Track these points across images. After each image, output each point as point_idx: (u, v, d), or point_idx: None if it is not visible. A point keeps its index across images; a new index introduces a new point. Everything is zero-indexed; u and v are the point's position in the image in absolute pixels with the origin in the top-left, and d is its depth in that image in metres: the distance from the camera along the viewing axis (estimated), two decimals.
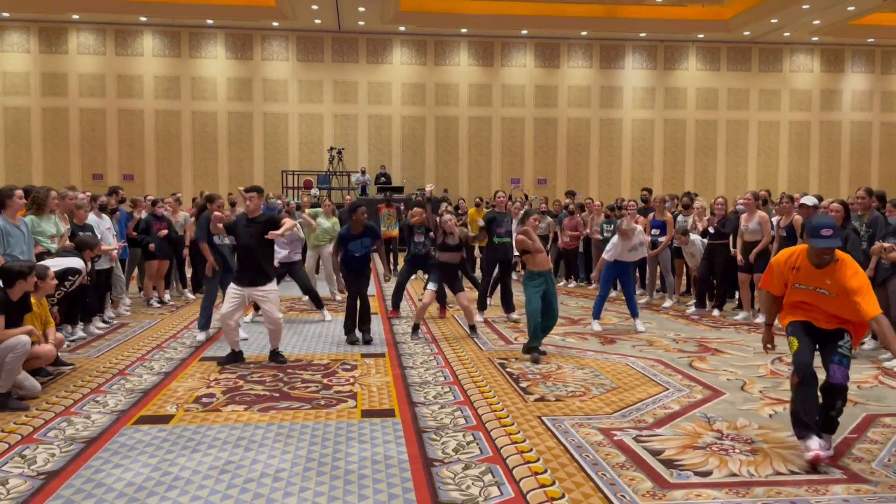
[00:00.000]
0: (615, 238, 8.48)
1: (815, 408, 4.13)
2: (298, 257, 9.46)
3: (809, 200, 8.17)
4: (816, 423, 4.11)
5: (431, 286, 7.92)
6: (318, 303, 9.20)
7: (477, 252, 11.70)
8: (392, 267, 13.62)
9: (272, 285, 6.60)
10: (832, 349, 4.23)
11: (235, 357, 6.60)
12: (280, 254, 9.00)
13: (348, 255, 7.57)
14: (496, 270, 9.68)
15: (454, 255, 8.03)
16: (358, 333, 7.67)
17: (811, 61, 25.68)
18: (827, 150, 25.96)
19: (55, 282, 5.78)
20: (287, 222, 6.52)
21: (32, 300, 5.60)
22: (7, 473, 3.89)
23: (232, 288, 6.54)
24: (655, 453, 4.23)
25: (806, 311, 4.35)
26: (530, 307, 6.85)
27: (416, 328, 7.87)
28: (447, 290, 8.93)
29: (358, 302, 7.69)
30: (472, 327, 8.06)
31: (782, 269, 4.35)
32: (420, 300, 8.42)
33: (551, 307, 6.99)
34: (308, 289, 9.27)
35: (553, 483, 3.78)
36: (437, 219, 8.18)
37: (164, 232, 9.96)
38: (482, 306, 9.15)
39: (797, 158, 25.91)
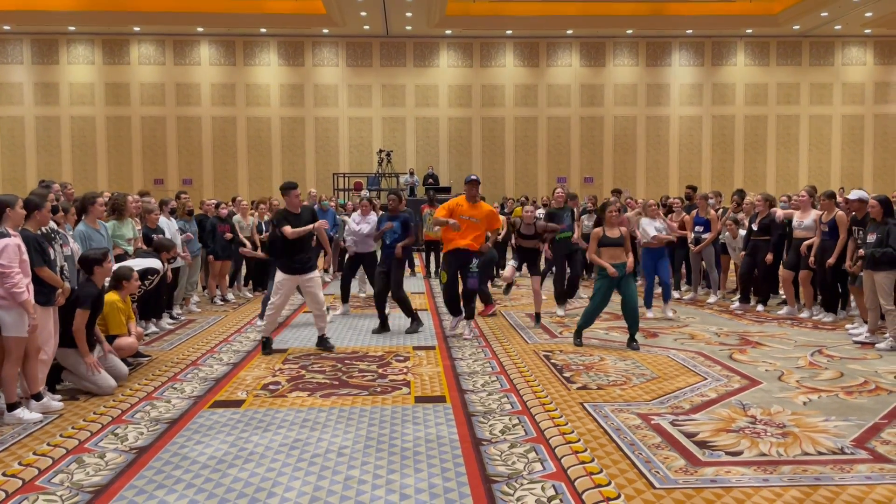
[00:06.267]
0: (644, 220, 9.45)
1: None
2: (373, 248, 9.75)
3: (856, 194, 8.20)
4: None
5: (512, 262, 8.85)
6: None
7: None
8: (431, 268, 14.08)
9: (317, 272, 7.22)
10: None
11: (267, 344, 7.16)
12: (357, 244, 9.66)
13: (384, 244, 8.33)
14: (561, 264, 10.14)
15: (533, 241, 8.79)
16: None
17: (864, 54, 25.23)
18: (882, 144, 25.48)
19: (138, 282, 6.33)
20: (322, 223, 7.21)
21: (117, 297, 6.15)
22: (103, 448, 4.40)
23: (281, 276, 7.07)
24: (690, 435, 4.52)
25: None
26: (592, 303, 7.47)
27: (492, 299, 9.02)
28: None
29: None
30: (538, 315, 8.75)
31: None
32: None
33: (628, 300, 7.22)
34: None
35: (592, 460, 4.11)
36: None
37: (229, 235, 10.53)
38: (560, 300, 9.61)
39: (850, 153, 25.49)
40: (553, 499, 3.58)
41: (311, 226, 7.03)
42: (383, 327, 8.27)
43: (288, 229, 6.92)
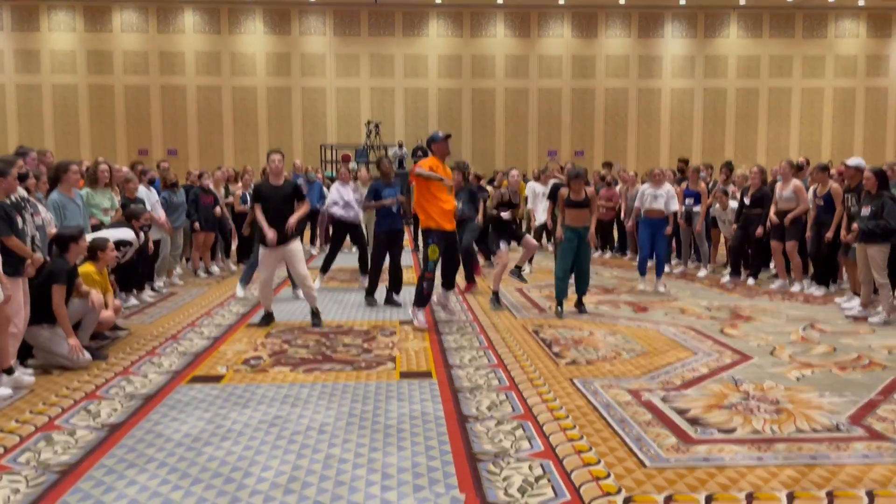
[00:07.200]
0: (644, 186, 9.30)
1: None
2: (357, 220, 9.54)
3: (854, 161, 8.07)
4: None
5: (503, 247, 8.22)
6: (364, 268, 9.39)
7: None
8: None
9: (297, 244, 7.06)
10: None
11: (268, 319, 7.03)
12: (347, 214, 9.37)
13: (384, 212, 8.14)
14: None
15: (511, 212, 8.41)
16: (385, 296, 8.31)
17: (857, 26, 25.00)
18: (872, 118, 25.37)
19: (115, 253, 6.13)
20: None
21: (93, 268, 5.95)
22: (74, 425, 4.23)
23: (263, 250, 6.98)
24: (681, 412, 4.40)
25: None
26: (562, 264, 7.59)
27: (496, 295, 8.08)
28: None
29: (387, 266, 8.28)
30: (519, 268, 8.54)
31: None
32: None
33: (581, 262, 7.57)
34: (365, 254, 9.47)
35: (581, 438, 3.98)
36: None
37: (218, 210, 10.36)
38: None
39: (841, 126, 25.37)
40: (541, 478, 3.45)
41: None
42: (373, 298, 8.25)
43: (258, 213, 6.92)
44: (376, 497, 3.26)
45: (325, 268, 9.50)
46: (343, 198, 9.37)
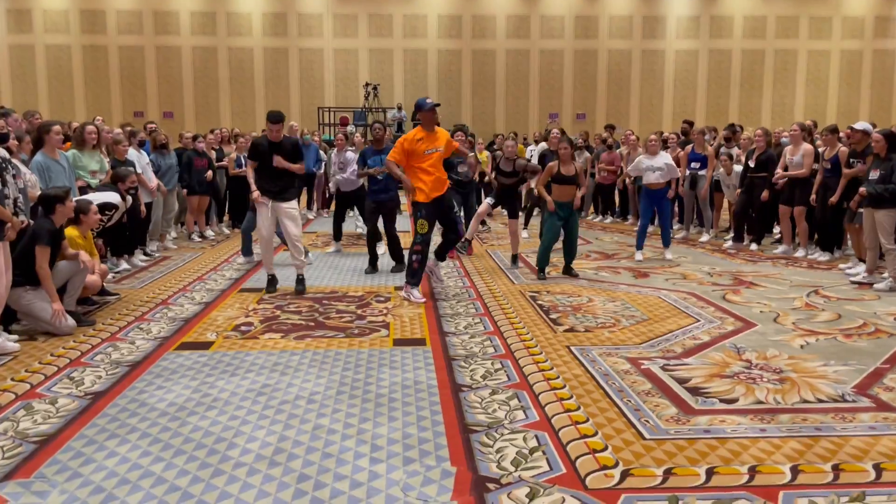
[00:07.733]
0: (641, 155, 9.00)
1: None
2: (358, 185, 9.24)
3: (861, 125, 7.90)
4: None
5: (489, 200, 8.49)
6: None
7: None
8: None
9: (295, 203, 6.90)
10: None
11: (272, 283, 6.88)
12: (348, 185, 9.35)
13: (373, 181, 7.99)
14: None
15: (512, 180, 8.33)
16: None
17: None
18: (879, 80, 24.92)
19: (98, 216, 5.96)
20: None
21: (76, 232, 5.79)
22: (56, 393, 4.11)
23: (257, 212, 6.85)
24: (682, 381, 4.27)
25: None
26: (544, 240, 7.56)
27: (468, 242, 8.38)
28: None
29: (379, 236, 8.17)
30: (515, 257, 8.30)
31: None
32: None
33: (569, 236, 7.53)
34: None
35: (578, 408, 3.85)
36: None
37: (210, 174, 10.16)
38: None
39: (847, 89, 24.94)
40: (535, 450, 3.33)
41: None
42: (373, 267, 8.00)
43: (250, 171, 6.84)
44: (364, 470, 3.14)
45: (336, 235, 9.38)
46: (340, 161, 9.27)
